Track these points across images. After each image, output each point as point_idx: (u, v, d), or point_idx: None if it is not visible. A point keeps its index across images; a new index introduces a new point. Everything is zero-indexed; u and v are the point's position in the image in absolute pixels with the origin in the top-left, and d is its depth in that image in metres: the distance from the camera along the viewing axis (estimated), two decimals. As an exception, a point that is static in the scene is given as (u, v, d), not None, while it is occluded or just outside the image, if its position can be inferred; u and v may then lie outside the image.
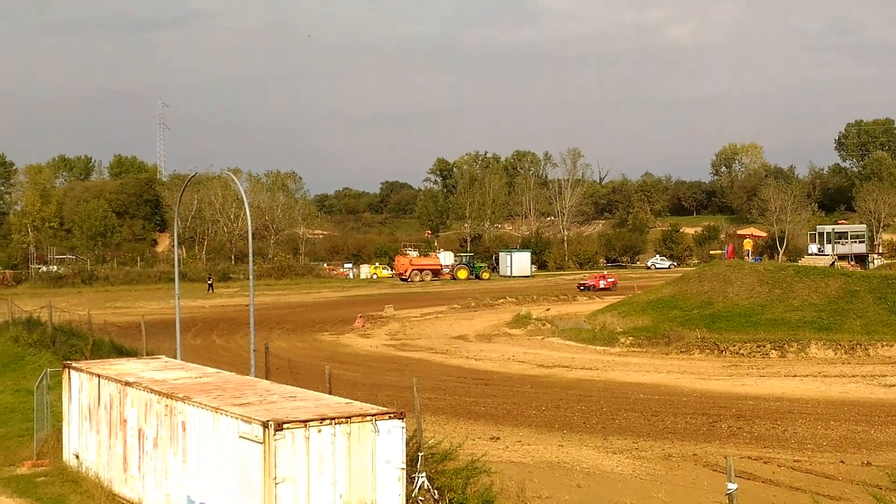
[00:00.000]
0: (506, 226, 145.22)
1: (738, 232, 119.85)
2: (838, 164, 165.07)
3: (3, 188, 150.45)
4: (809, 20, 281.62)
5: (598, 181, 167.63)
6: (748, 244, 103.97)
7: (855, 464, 25.10)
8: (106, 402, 19.80)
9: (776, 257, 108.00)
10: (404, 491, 15.50)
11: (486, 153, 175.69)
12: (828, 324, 48.07)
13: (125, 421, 18.96)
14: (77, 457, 20.96)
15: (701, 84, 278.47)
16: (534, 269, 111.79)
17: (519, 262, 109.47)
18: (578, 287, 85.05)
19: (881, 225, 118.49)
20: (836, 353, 44.06)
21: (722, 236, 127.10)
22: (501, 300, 75.46)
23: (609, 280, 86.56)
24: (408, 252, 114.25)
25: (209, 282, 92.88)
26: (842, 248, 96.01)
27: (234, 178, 38.98)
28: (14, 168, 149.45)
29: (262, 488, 14.40)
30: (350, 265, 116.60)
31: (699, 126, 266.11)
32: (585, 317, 59.37)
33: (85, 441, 20.73)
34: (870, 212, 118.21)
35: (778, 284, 53.67)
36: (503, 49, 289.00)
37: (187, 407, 16.77)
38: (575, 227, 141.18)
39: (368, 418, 15.20)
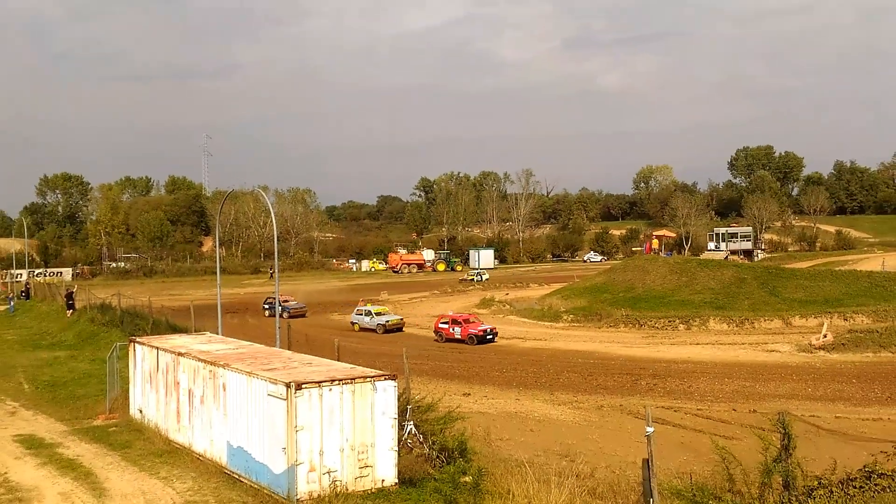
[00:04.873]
0: (474, 229, 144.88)
1: (654, 233, 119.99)
2: (731, 180, 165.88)
3: (81, 202, 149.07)
4: (710, 71, 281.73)
5: (545, 194, 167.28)
6: (655, 243, 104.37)
7: (744, 411, 25.34)
8: (163, 369, 19.68)
9: (683, 252, 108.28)
10: (397, 436, 15.48)
11: (459, 173, 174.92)
12: (723, 303, 48.38)
13: (178, 383, 18.85)
14: (140, 411, 20.82)
15: (626, 120, 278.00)
16: (496, 263, 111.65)
17: (485, 258, 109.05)
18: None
19: (763, 227, 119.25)
20: (729, 326, 44.38)
21: (641, 236, 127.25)
22: (471, 287, 75.40)
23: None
24: (399, 250, 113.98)
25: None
26: (733, 245, 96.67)
27: (263, 193, 38.90)
28: (90, 187, 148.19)
29: (286, 435, 14.36)
30: (353, 260, 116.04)
31: (624, 151, 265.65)
32: (536, 299, 59.41)
33: (147, 399, 20.59)
34: (755, 217, 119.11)
35: (684, 273, 53.95)
36: (473, 93, 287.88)
37: (227, 372, 16.68)
38: (528, 230, 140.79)
39: (368, 379, 15.17)
